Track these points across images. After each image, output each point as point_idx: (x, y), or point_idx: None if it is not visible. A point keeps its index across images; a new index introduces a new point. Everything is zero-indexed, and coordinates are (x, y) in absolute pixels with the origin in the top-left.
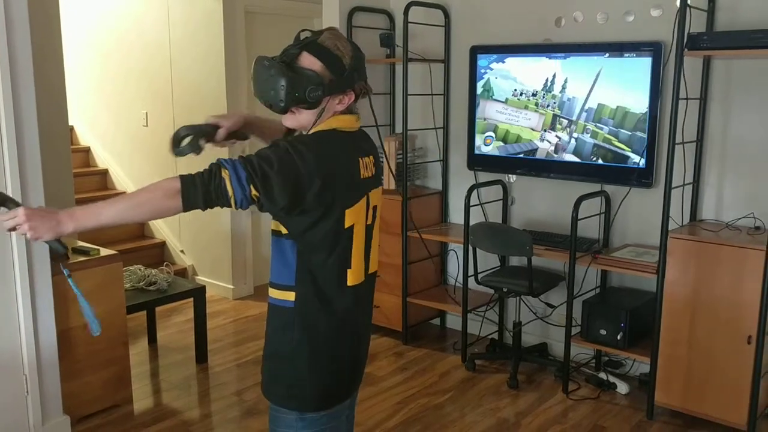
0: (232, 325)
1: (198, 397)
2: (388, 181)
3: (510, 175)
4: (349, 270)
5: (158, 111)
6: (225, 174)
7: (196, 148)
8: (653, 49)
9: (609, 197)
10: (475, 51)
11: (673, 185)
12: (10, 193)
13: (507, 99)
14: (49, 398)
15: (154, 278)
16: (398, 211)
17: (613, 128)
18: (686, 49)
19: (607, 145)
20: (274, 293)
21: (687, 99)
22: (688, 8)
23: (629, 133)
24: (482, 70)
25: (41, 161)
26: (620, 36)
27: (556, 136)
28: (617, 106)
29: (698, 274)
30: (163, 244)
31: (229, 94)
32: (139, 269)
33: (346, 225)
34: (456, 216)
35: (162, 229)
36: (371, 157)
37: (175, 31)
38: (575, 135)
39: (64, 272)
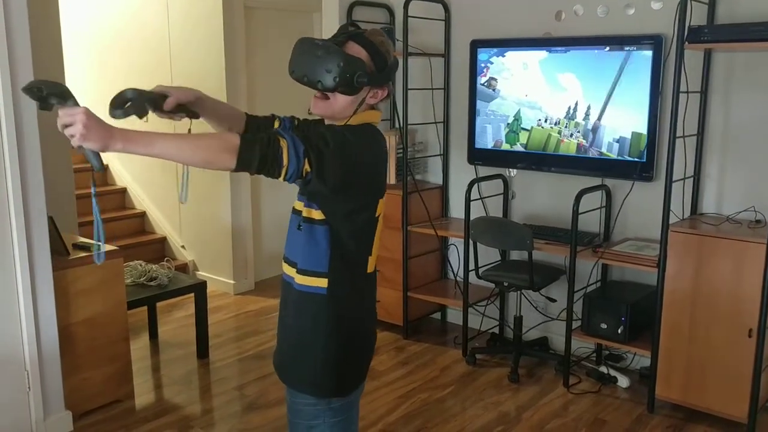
0: (233, 320)
1: (199, 392)
2: (389, 176)
3: (510, 170)
4: (369, 257)
5: None
6: (283, 143)
7: (140, 111)
8: (654, 42)
9: (610, 191)
10: (476, 45)
11: (674, 179)
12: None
13: (532, 127)
14: (50, 394)
15: (155, 274)
16: (399, 205)
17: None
18: (687, 42)
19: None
20: (304, 280)
21: (688, 92)
22: (689, 1)
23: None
24: (482, 64)
25: (41, 158)
26: (621, 29)
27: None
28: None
29: (699, 268)
30: (163, 240)
31: (229, 89)
32: (140, 265)
33: (377, 214)
34: (456, 210)
35: (163, 224)
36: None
37: (174, 27)
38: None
39: (92, 189)
